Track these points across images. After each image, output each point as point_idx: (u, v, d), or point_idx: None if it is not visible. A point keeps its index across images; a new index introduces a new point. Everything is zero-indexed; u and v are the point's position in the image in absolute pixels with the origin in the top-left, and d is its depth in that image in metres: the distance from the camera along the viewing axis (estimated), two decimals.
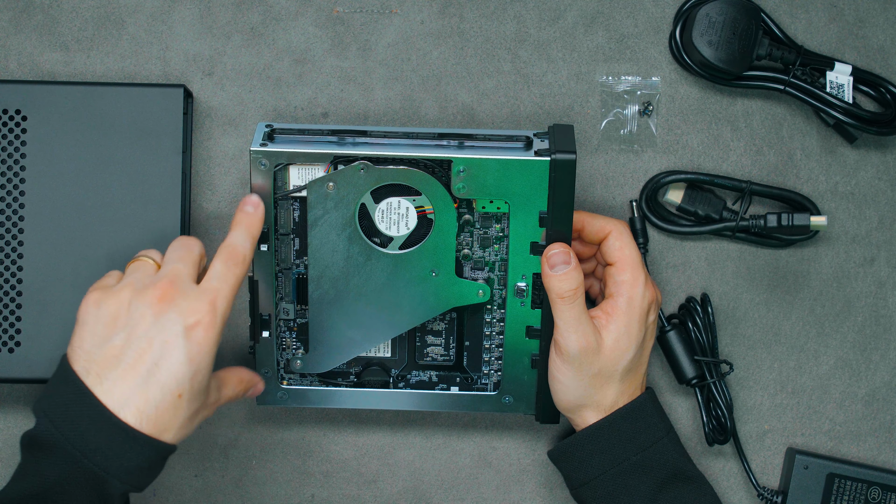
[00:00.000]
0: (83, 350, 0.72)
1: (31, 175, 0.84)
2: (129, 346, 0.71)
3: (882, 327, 0.90)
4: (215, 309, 0.73)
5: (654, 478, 0.81)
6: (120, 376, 0.71)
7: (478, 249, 0.83)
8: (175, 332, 0.71)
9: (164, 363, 0.71)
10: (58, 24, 0.88)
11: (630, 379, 0.81)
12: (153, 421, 0.71)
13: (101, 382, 0.71)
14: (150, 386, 0.71)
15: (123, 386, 0.71)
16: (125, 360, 0.71)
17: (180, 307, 0.72)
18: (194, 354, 0.71)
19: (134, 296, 0.73)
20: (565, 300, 0.78)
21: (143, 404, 0.71)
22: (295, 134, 0.81)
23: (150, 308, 0.72)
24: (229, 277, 0.75)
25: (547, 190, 0.79)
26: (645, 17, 0.89)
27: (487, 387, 0.86)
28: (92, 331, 0.73)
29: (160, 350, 0.71)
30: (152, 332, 0.71)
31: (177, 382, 0.71)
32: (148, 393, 0.71)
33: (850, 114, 0.86)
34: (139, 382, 0.71)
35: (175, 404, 0.71)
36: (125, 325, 0.72)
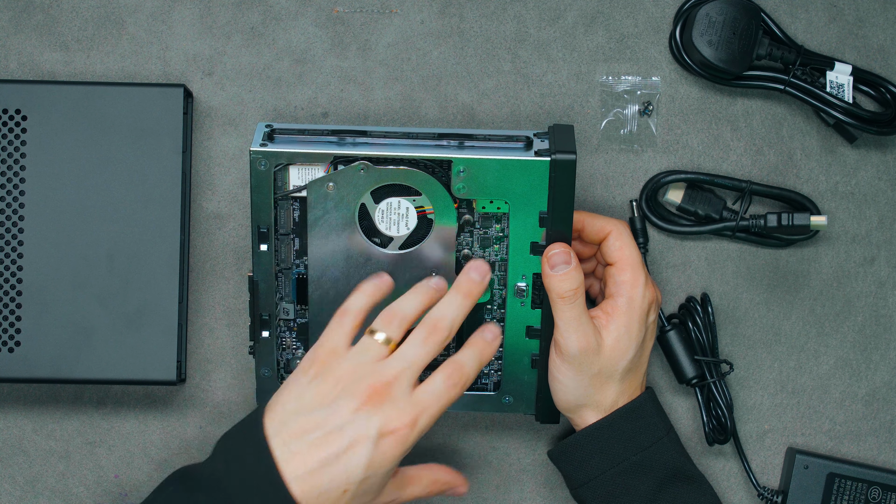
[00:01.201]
0: (284, 409, 0.72)
1: (31, 175, 0.84)
2: (321, 428, 0.71)
3: (882, 327, 0.90)
4: (416, 425, 0.72)
5: (654, 477, 0.81)
6: (300, 451, 0.71)
7: (478, 249, 0.83)
8: (366, 436, 0.71)
9: (343, 459, 0.71)
10: (58, 24, 0.88)
11: (630, 379, 0.81)
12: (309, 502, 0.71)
13: (284, 448, 0.71)
14: (322, 473, 0.70)
15: (300, 462, 0.71)
16: (312, 439, 0.71)
17: (384, 412, 0.71)
18: (375, 462, 0.71)
19: (352, 379, 0.72)
20: (566, 300, 0.78)
21: (310, 487, 0.70)
22: (295, 134, 0.81)
23: (355, 401, 0.71)
24: (444, 398, 0.74)
25: (547, 190, 0.79)
26: (645, 17, 0.89)
27: (487, 387, 0.86)
28: (300, 394, 0.73)
29: (346, 446, 0.71)
30: (347, 427, 0.71)
31: (346, 481, 0.71)
32: (319, 477, 0.70)
33: (850, 114, 0.86)
34: (315, 466, 0.70)
35: (337, 498, 0.71)
36: (327, 406, 0.72)
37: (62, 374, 0.84)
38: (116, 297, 0.85)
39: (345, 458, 0.71)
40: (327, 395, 0.72)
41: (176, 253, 0.85)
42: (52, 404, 0.89)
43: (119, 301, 0.84)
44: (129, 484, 0.89)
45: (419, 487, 0.77)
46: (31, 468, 0.89)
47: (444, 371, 0.74)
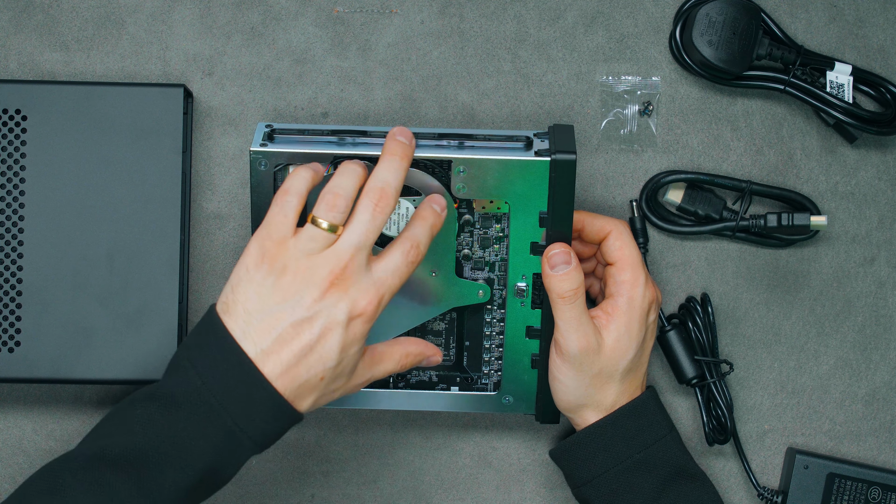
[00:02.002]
0: (245, 310, 0.72)
1: (31, 175, 0.84)
2: (290, 321, 0.72)
3: (882, 327, 0.90)
4: (380, 304, 0.73)
5: (657, 475, 0.81)
6: (275, 349, 0.71)
7: (478, 249, 0.83)
8: (337, 321, 0.72)
9: (318, 347, 0.72)
10: (58, 24, 0.88)
11: (631, 379, 0.81)
12: (294, 394, 0.72)
13: (256, 347, 0.71)
14: (300, 365, 0.72)
15: (277, 358, 0.71)
16: (284, 335, 0.72)
17: (350, 295, 0.72)
18: (347, 344, 0.72)
19: (307, 270, 0.72)
20: (566, 300, 0.78)
21: (290, 379, 0.72)
22: (295, 134, 0.81)
23: (318, 290, 0.72)
24: (402, 273, 0.75)
25: (547, 190, 0.79)
26: (645, 17, 0.89)
27: (487, 387, 0.86)
28: (259, 292, 0.73)
29: (318, 334, 0.72)
30: (315, 316, 0.72)
31: (323, 367, 0.72)
32: (297, 369, 0.72)
33: (850, 114, 0.86)
34: (291, 360, 0.71)
35: (316, 384, 0.73)
36: (292, 298, 0.72)
37: (62, 374, 0.84)
38: (116, 297, 0.85)
39: (318, 347, 0.72)
40: (288, 288, 0.72)
41: (176, 253, 0.85)
42: (52, 404, 0.89)
43: (119, 301, 0.84)
44: None
45: (391, 363, 0.78)
46: (31, 468, 0.89)
47: (400, 246, 0.75)
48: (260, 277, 0.73)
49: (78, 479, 0.70)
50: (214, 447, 0.71)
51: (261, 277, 0.73)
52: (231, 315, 0.72)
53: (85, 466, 0.70)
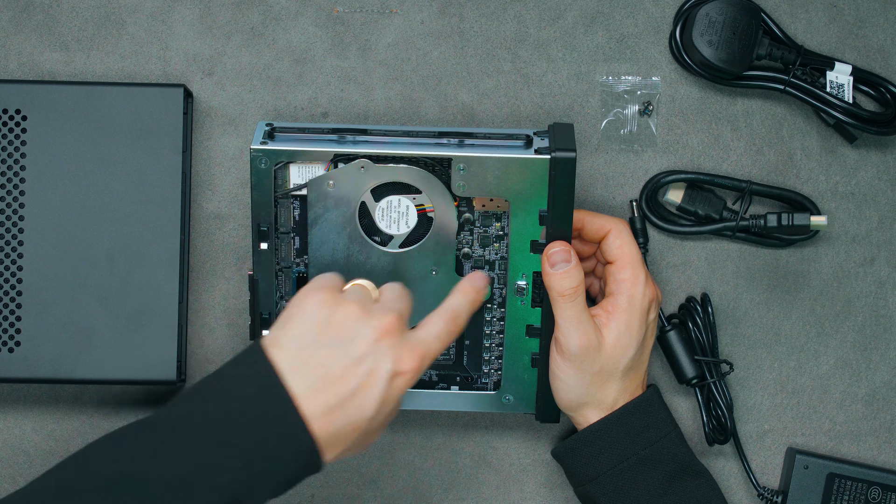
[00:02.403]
0: (296, 345, 0.69)
1: (31, 175, 0.84)
2: (340, 361, 0.69)
3: (882, 327, 0.90)
4: (422, 366, 0.72)
5: (663, 472, 0.81)
6: (321, 388, 0.69)
7: (478, 248, 0.83)
8: (384, 370, 0.70)
9: (360, 394, 0.69)
10: (58, 24, 0.88)
11: (631, 377, 0.81)
12: (326, 441, 0.69)
13: (304, 387, 0.68)
14: (339, 412, 0.69)
15: (320, 400, 0.68)
16: (331, 374, 0.69)
17: (397, 350, 0.70)
18: (387, 399, 0.70)
19: (361, 314, 0.71)
20: (566, 298, 0.78)
21: (327, 425, 0.69)
22: (295, 132, 0.81)
23: (373, 333, 0.70)
24: (444, 338, 0.74)
25: (547, 188, 0.79)
26: (645, 17, 0.89)
27: (488, 386, 0.86)
28: (311, 329, 0.70)
29: (364, 378, 0.69)
30: (365, 359, 0.70)
31: (361, 417, 0.70)
32: (336, 417, 0.69)
33: (850, 114, 0.86)
34: (333, 405, 0.69)
35: (348, 436, 0.70)
36: (344, 340, 0.70)
37: (62, 374, 0.84)
38: (116, 297, 0.85)
39: (361, 394, 0.69)
40: (342, 326, 0.70)
41: (176, 253, 0.85)
42: (52, 404, 0.89)
43: (119, 301, 0.84)
44: None
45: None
46: (31, 468, 0.89)
47: (441, 315, 0.75)
48: (314, 312, 0.71)
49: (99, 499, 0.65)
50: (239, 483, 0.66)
51: (316, 315, 0.71)
52: (280, 348, 0.69)
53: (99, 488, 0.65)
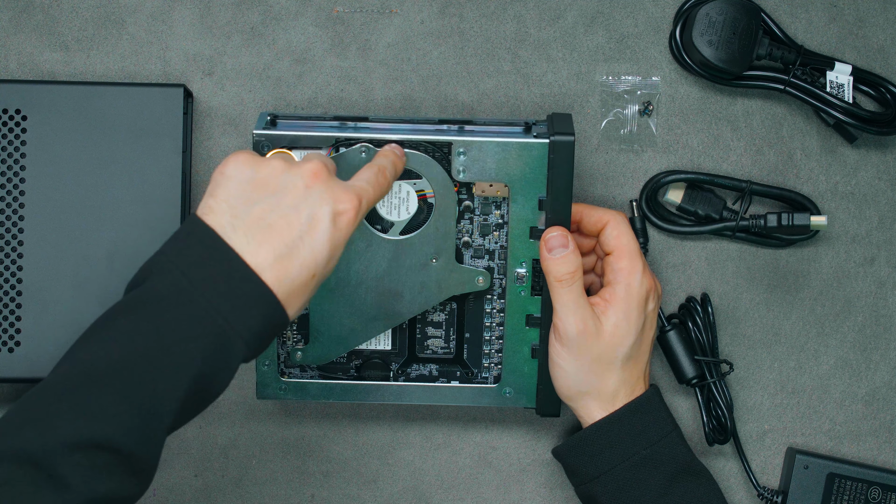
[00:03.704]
0: (228, 205, 0.69)
1: (31, 175, 0.84)
2: (278, 212, 0.69)
3: (882, 327, 0.90)
4: (360, 204, 0.71)
5: (664, 471, 0.81)
6: (265, 240, 0.68)
7: (478, 237, 0.83)
8: (324, 212, 0.69)
9: (308, 239, 0.69)
10: (58, 24, 0.88)
11: (631, 367, 0.81)
12: (285, 292, 0.69)
13: (246, 242, 0.68)
14: (292, 258, 0.69)
15: (268, 250, 0.68)
16: (273, 225, 0.69)
17: (332, 190, 0.70)
18: (335, 240, 0.70)
19: (286, 166, 0.71)
20: (563, 283, 0.79)
21: (282, 273, 0.68)
22: (297, 120, 0.81)
23: (303, 180, 0.70)
24: (375, 186, 0.74)
25: (546, 174, 0.79)
26: (645, 17, 0.89)
27: (488, 380, 0.86)
28: (240, 188, 0.70)
29: (308, 224, 0.69)
30: (302, 205, 0.69)
31: (314, 263, 0.69)
32: (289, 264, 0.69)
33: (850, 114, 0.86)
34: (283, 252, 0.69)
35: (306, 283, 0.70)
36: (276, 191, 0.70)
37: None
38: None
39: (310, 239, 0.69)
40: (269, 180, 0.70)
41: None
42: None
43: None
44: None
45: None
46: None
47: (369, 168, 0.75)
48: (239, 175, 0.70)
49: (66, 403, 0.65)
50: (205, 350, 0.67)
51: (240, 175, 0.70)
52: (214, 213, 0.69)
53: (71, 388, 0.65)
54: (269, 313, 0.68)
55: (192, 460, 0.90)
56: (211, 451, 0.90)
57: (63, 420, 0.65)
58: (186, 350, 0.67)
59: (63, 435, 0.64)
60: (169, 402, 0.66)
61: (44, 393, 0.66)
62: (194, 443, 0.90)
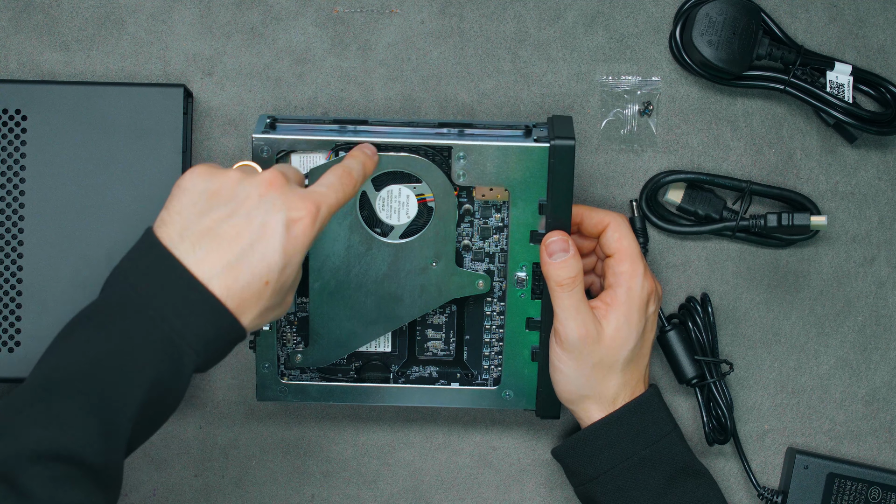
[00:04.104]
0: (180, 217, 0.70)
1: (31, 175, 0.84)
2: (228, 221, 0.69)
3: (882, 327, 0.90)
4: (318, 211, 0.71)
5: (663, 472, 0.81)
6: (213, 249, 0.69)
7: (478, 241, 0.83)
8: (277, 219, 0.69)
9: (259, 246, 0.69)
10: (58, 24, 0.88)
11: (632, 370, 0.81)
12: (236, 301, 0.69)
13: (193, 252, 0.68)
14: (241, 266, 0.69)
15: (215, 259, 0.68)
16: (222, 234, 0.69)
17: (287, 198, 0.70)
18: (289, 248, 0.69)
19: (243, 177, 0.71)
20: (564, 288, 0.79)
21: (231, 282, 0.68)
22: (296, 123, 0.81)
23: (257, 189, 0.70)
24: (338, 189, 0.73)
25: (546, 177, 0.79)
26: (645, 17, 0.89)
27: (488, 382, 0.86)
28: (193, 200, 0.70)
29: (259, 231, 0.69)
30: (254, 213, 0.69)
31: (267, 269, 0.69)
32: (238, 272, 0.69)
33: (850, 114, 0.86)
34: (231, 260, 0.68)
35: (260, 291, 0.69)
36: (228, 201, 0.70)
37: None
38: None
39: (261, 246, 0.69)
40: (223, 191, 0.70)
41: None
42: None
43: None
44: (128, 485, 0.89)
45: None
46: None
47: (333, 171, 0.74)
48: (194, 187, 0.70)
49: (26, 415, 0.65)
50: (156, 358, 0.67)
51: (195, 187, 0.70)
52: (165, 226, 0.70)
53: (31, 401, 0.66)
54: (218, 322, 0.68)
55: (192, 460, 0.90)
56: (211, 451, 0.90)
57: (24, 431, 0.65)
58: (138, 358, 0.67)
59: (24, 445, 0.64)
60: (127, 409, 0.67)
61: (7, 406, 0.67)
62: (194, 443, 0.90)
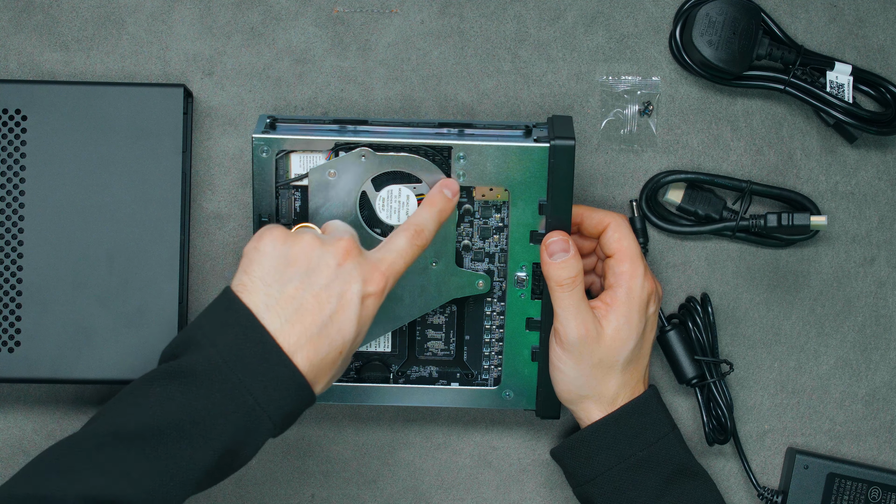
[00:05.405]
0: (263, 283, 0.71)
1: (31, 175, 0.84)
2: (310, 291, 0.70)
3: (882, 327, 0.90)
4: (387, 283, 0.73)
5: (660, 473, 0.81)
6: (299, 320, 0.70)
7: (478, 241, 0.83)
8: (354, 291, 0.71)
9: (337, 318, 0.70)
10: (58, 24, 0.88)
11: (631, 370, 0.81)
12: (315, 372, 0.70)
13: (280, 323, 0.70)
14: (321, 339, 0.70)
15: (300, 331, 0.70)
16: (306, 305, 0.70)
17: (362, 269, 0.71)
18: (363, 319, 0.71)
19: (319, 243, 0.72)
20: (564, 288, 0.79)
21: (313, 354, 0.70)
22: (296, 123, 0.81)
23: (335, 258, 0.71)
24: (407, 254, 0.74)
25: (546, 177, 0.79)
26: (645, 17, 0.89)
27: (488, 382, 0.86)
28: (274, 264, 0.71)
29: (337, 303, 0.70)
30: (333, 284, 0.71)
31: (342, 341, 0.71)
32: (319, 344, 0.70)
33: (850, 114, 0.86)
34: (314, 333, 0.70)
35: (335, 361, 0.71)
36: (307, 269, 0.71)
37: (62, 374, 0.84)
38: (116, 297, 0.85)
39: (339, 318, 0.71)
40: (301, 258, 0.71)
41: (176, 253, 0.85)
42: (52, 404, 0.89)
43: (119, 301, 0.84)
44: None
45: None
46: None
47: (405, 231, 0.75)
48: (273, 251, 0.72)
49: (90, 459, 0.66)
50: (234, 426, 0.69)
51: (274, 251, 0.72)
52: (249, 292, 0.71)
53: (98, 445, 0.67)
54: (299, 395, 0.70)
55: None
56: None
57: (83, 474, 0.66)
58: (216, 425, 0.68)
59: (81, 489, 0.65)
60: (193, 471, 0.68)
61: (69, 446, 0.68)
62: None
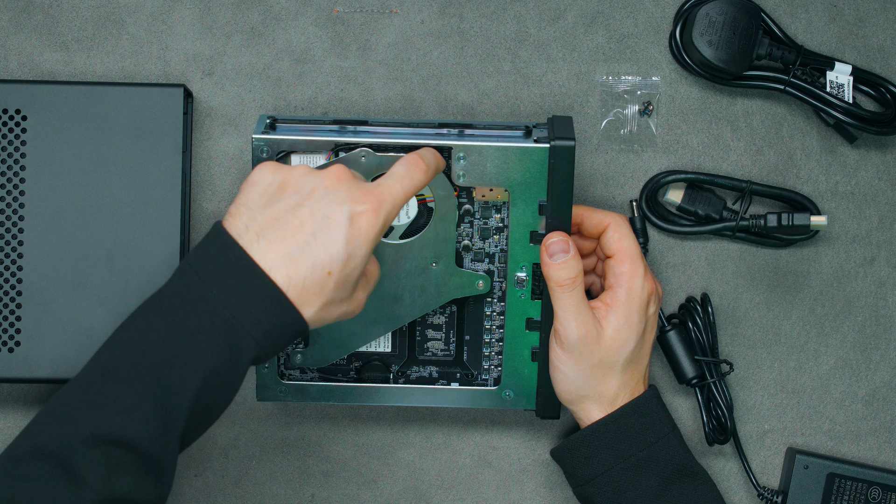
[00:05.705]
0: (247, 207, 0.71)
1: (31, 175, 0.84)
2: (293, 212, 0.70)
3: (882, 327, 0.90)
4: (382, 204, 0.72)
5: (660, 473, 0.81)
6: (277, 238, 0.70)
7: (478, 241, 0.83)
8: (341, 212, 0.70)
9: (321, 236, 0.70)
10: (58, 24, 0.88)
11: (632, 371, 0.81)
12: (298, 291, 0.70)
13: (257, 241, 0.70)
14: (303, 256, 0.70)
15: (278, 249, 0.70)
16: (286, 224, 0.70)
17: (352, 191, 0.71)
18: (353, 239, 0.70)
19: (309, 171, 0.72)
20: (564, 288, 0.79)
21: (292, 271, 0.69)
22: (296, 124, 0.81)
23: (323, 182, 0.71)
24: (406, 181, 0.74)
25: (546, 178, 0.79)
26: (645, 17, 0.89)
27: (488, 382, 0.86)
28: (262, 191, 0.72)
29: (322, 223, 0.70)
30: (319, 205, 0.70)
31: (329, 260, 0.70)
32: (299, 262, 0.70)
33: (850, 114, 0.86)
34: (294, 250, 0.70)
35: (322, 282, 0.70)
36: (294, 193, 0.71)
37: (62, 374, 0.84)
38: (116, 297, 0.85)
39: (323, 236, 0.70)
40: (290, 184, 0.72)
41: (176, 253, 0.85)
42: None
43: (119, 301, 0.84)
44: None
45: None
46: None
47: (402, 161, 0.75)
48: (262, 180, 0.72)
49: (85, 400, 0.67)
50: (215, 345, 0.68)
51: (263, 180, 0.72)
52: (232, 217, 0.71)
53: (88, 385, 0.68)
54: (278, 311, 0.69)
55: (192, 460, 0.90)
56: (211, 451, 0.90)
57: (80, 416, 0.67)
58: (196, 343, 0.68)
59: (80, 430, 0.66)
60: (182, 397, 0.68)
61: (65, 392, 0.69)
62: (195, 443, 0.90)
